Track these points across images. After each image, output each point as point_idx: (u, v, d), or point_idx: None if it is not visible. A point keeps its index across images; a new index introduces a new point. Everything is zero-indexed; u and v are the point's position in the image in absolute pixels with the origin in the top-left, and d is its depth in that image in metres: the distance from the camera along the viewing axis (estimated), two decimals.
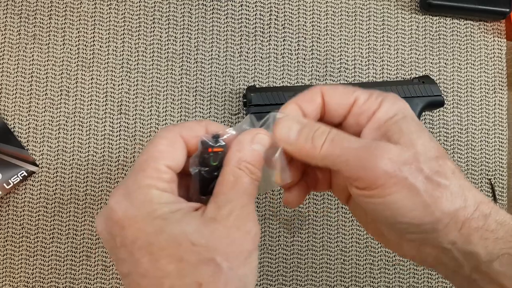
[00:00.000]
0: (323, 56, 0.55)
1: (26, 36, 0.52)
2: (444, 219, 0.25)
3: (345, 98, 0.29)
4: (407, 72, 0.55)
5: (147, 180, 0.25)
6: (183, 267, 0.24)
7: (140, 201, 0.25)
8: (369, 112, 0.28)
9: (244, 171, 0.26)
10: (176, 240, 0.24)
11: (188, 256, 0.24)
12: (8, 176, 0.49)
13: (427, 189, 0.25)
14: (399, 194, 0.25)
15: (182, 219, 0.25)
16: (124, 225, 0.25)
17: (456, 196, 0.26)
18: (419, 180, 0.25)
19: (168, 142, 0.27)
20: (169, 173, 0.26)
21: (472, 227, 0.26)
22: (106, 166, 0.52)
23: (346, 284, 0.52)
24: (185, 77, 0.53)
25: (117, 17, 0.53)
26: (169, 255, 0.24)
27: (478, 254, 0.26)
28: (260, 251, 0.52)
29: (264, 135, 0.28)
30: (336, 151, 0.26)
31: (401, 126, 0.27)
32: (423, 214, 0.25)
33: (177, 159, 0.27)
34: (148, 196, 0.25)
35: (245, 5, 0.54)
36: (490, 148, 0.55)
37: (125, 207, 0.25)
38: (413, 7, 0.56)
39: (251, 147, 0.27)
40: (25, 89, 0.52)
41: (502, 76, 0.56)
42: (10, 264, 0.50)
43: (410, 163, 0.25)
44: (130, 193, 0.25)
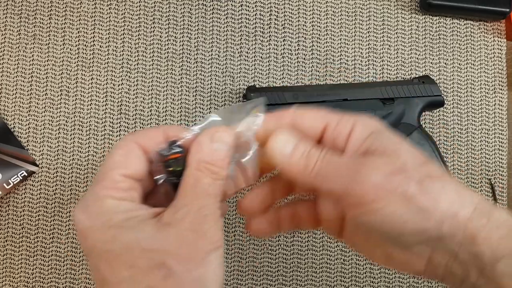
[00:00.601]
0: (323, 56, 0.55)
1: (26, 36, 0.52)
2: (445, 220, 0.25)
3: (314, 122, 0.29)
4: (407, 72, 0.55)
5: (103, 191, 0.26)
6: (136, 273, 0.25)
7: (96, 213, 0.26)
8: (343, 135, 0.28)
9: (204, 172, 0.26)
10: (128, 247, 0.25)
11: (140, 262, 0.25)
12: (8, 176, 0.49)
13: (422, 194, 0.25)
14: (393, 205, 0.25)
15: (136, 226, 0.26)
16: (84, 235, 0.26)
17: (453, 196, 0.25)
18: (411, 187, 0.25)
19: (123, 151, 0.27)
20: (126, 182, 0.27)
21: (475, 227, 0.25)
22: None
23: (346, 284, 0.52)
24: (185, 77, 0.53)
25: (117, 17, 0.53)
26: (123, 262, 0.25)
27: (483, 254, 0.25)
28: (260, 251, 0.52)
29: (224, 132, 0.27)
30: (328, 170, 0.27)
31: (382, 140, 0.27)
32: (423, 220, 0.25)
33: (134, 167, 0.27)
34: (104, 207, 0.26)
35: (245, 5, 0.54)
36: (490, 148, 0.55)
37: (83, 219, 0.26)
38: (413, 7, 0.56)
39: (211, 147, 0.27)
40: (25, 89, 0.52)
41: (502, 76, 0.56)
42: (10, 264, 0.50)
43: (399, 172, 0.25)
44: (88, 206, 0.26)
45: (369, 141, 0.27)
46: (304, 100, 0.49)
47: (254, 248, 0.52)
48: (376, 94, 0.50)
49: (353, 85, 0.52)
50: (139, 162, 0.28)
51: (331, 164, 0.27)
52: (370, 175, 0.25)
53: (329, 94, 0.50)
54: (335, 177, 0.26)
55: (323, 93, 0.50)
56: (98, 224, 0.26)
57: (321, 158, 0.27)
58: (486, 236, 0.25)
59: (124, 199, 0.27)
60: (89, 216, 0.26)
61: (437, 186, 0.25)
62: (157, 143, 0.28)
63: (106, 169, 0.27)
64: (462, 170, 0.54)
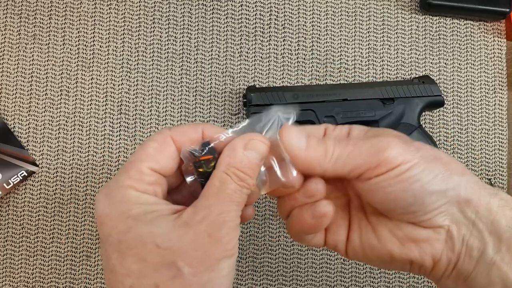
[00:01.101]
0: (323, 56, 0.55)
1: (26, 36, 0.52)
2: (462, 183, 0.27)
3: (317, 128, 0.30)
4: (407, 72, 0.55)
5: (127, 181, 0.26)
6: (145, 267, 0.25)
7: (117, 200, 0.26)
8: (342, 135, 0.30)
9: (232, 177, 0.26)
10: (142, 241, 0.25)
11: (151, 258, 0.25)
12: (8, 176, 0.49)
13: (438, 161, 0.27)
14: (419, 165, 0.26)
15: (153, 221, 0.25)
16: (102, 222, 0.26)
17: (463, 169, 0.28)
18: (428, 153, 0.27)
19: (157, 145, 0.27)
20: (152, 176, 0.27)
21: (488, 193, 0.27)
22: (106, 166, 0.52)
23: (346, 284, 0.52)
24: (185, 77, 0.53)
25: (117, 17, 0.53)
26: (134, 255, 0.25)
27: (499, 222, 0.26)
28: (260, 251, 0.52)
29: (260, 142, 0.27)
30: (347, 148, 0.27)
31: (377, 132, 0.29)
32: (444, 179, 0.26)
33: (164, 163, 0.27)
34: (126, 196, 0.26)
35: (245, 5, 0.54)
36: (490, 148, 0.55)
37: (104, 205, 0.26)
38: (413, 7, 0.56)
39: (243, 153, 0.26)
40: (25, 89, 0.52)
41: (502, 76, 0.56)
42: (10, 264, 0.50)
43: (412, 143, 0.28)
44: (110, 192, 0.26)
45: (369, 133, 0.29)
46: (304, 100, 0.49)
47: (254, 248, 0.52)
48: (376, 94, 0.50)
49: (353, 85, 0.52)
50: (171, 158, 0.27)
51: (348, 146, 0.27)
52: (391, 144, 0.27)
53: (329, 94, 0.50)
54: (356, 156, 0.27)
55: (323, 93, 0.50)
56: (116, 212, 0.26)
57: (337, 143, 0.28)
58: (499, 205, 0.27)
59: (147, 192, 0.26)
60: (110, 203, 0.26)
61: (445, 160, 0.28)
62: (193, 141, 0.28)
63: (136, 159, 0.27)
64: None
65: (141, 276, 0.25)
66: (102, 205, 0.26)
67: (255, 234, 0.52)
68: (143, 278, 0.25)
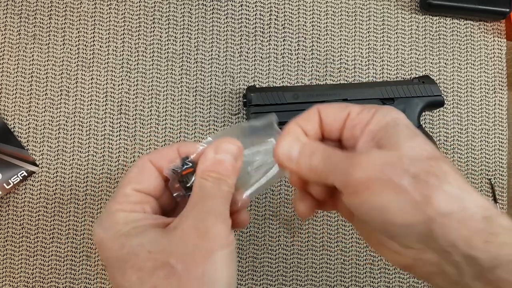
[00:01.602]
0: (323, 56, 0.55)
1: (26, 36, 0.52)
2: (437, 218, 0.25)
3: (338, 113, 0.30)
4: (407, 72, 0.55)
5: (115, 206, 0.29)
6: (142, 275, 0.26)
7: (108, 225, 0.28)
8: (362, 124, 0.29)
9: (208, 179, 0.28)
10: (134, 252, 0.27)
11: (146, 265, 0.26)
12: (8, 176, 0.49)
13: (416, 188, 0.25)
14: (385, 195, 0.25)
15: (142, 232, 0.27)
16: (100, 248, 0.28)
17: (451, 196, 0.25)
18: (405, 179, 0.25)
19: (137, 169, 0.30)
20: (136, 196, 0.29)
21: (472, 230, 0.24)
22: (106, 166, 0.52)
23: (346, 284, 0.52)
24: (185, 77, 0.53)
25: (117, 17, 0.53)
26: (132, 266, 0.26)
27: (480, 259, 0.24)
28: (260, 251, 0.52)
29: (229, 143, 0.29)
30: (329, 164, 0.28)
31: (391, 132, 0.27)
32: (413, 213, 0.25)
33: (146, 183, 0.30)
34: (115, 220, 0.28)
35: (245, 5, 0.54)
36: (490, 148, 0.55)
37: (98, 232, 0.28)
38: (413, 7, 0.56)
39: (214, 157, 0.29)
40: (25, 89, 0.52)
41: (502, 76, 0.56)
42: (10, 264, 0.50)
43: (393, 164, 0.25)
44: (102, 220, 0.29)
45: (380, 133, 0.28)
46: (304, 100, 0.49)
47: (254, 248, 0.52)
48: (376, 94, 0.50)
49: (353, 85, 0.52)
50: (152, 177, 0.30)
51: (331, 160, 0.28)
52: (364, 168, 0.26)
53: (329, 94, 0.50)
54: (335, 171, 0.27)
55: (323, 93, 0.50)
56: (110, 235, 0.28)
57: (324, 155, 0.28)
58: (485, 241, 0.24)
59: (135, 211, 0.29)
60: (103, 230, 0.28)
61: (433, 182, 0.25)
62: (171, 159, 0.30)
63: (120, 186, 0.29)
64: (462, 170, 0.54)
65: (141, 283, 0.26)
66: (97, 232, 0.28)
67: (255, 234, 0.52)
68: (142, 285, 0.26)
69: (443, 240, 0.25)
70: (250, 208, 0.52)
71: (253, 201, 0.52)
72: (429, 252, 0.26)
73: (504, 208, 0.54)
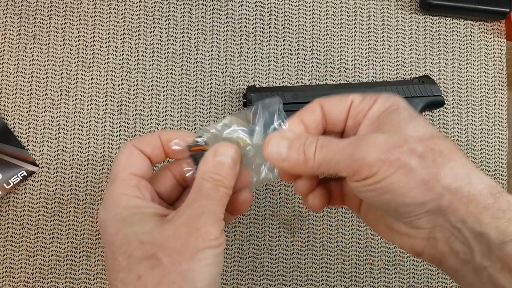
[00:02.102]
0: (323, 56, 0.55)
1: (26, 36, 0.52)
2: (446, 194, 0.25)
3: (341, 103, 0.30)
4: (407, 72, 0.55)
5: (116, 189, 0.30)
6: (131, 262, 0.27)
7: (110, 206, 0.29)
8: (364, 110, 0.29)
9: (207, 180, 0.29)
10: (128, 240, 0.28)
11: (136, 253, 0.27)
12: (8, 176, 0.49)
13: (423, 166, 0.25)
14: (395, 175, 0.25)
15: (138, 221, 0.28)
16: (102, 228, 0.30)
17: (458, 173, 0.25)
18: (412, 159, 0.25)
19: (126, 155, 0.31)
20: (134, 179, 0.30)
21: (480, 205, 0.25)
22: (106, 166, 0.52)
23: (346, 284, 0.52)
24: (185, 77, 0.53)
25: (117, 17, 0.53)
26: (123, 253, 0.28)
27: (489, 235, 0.25)
28: (260, 251, 0.52)
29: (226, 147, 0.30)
30: (329, 155, 0.27)
31: (392, 116, 0.28)
32: (422, 191, 0.25)
33: (139, 166, 0.31)
34: (117, 202, 0.29)
35: (245, 5, 0.54)
36: (490, 148, 0.55)
37: (102, 214, 0.30)
38: (413, 7, 0.56)
39: (214, 159, 0.30)
40: (25, 89, 0.52)
41: (502, 76, 0.56)
42: (10, 264, 0.50)
43: (400, 145, 0.26)
44: (106, 202, 0.30)
45: (381, 117, 0.28)
46: (304, 100, 0.49)
47: (254, 248, 0.52)
48: None
49: (353, 85, 0.52)
50: (142, 162, 0.31)
51: (331, 149, 0.28)
52: (370, 150, 0.26)
53: (329, 94, 0.49)
54: (337, 160, 0.27)
55: (323, 93, 0.50)
56: (110, 217, 0.29)
57: (319, 146, 0.28)
58: (493, 216, 0.25)
59: (136, 196, 0.29)
60: (106, 211, 0.29)
61: (440, 160, 0.25)
62: (155, 146, 0.32)
63: (116, 171, 0.30)
64: None
65: (128, 270, 0.27)
66: (100, 214, 0.30)
67: (255, 234, 0.52)
68: (129, 271, 0.27)
69: (452, 217, 0.25)
70: (250, 208, 0.52)
71: (253, 201, 0.52)
72: (439, 230, 0.27)
73: None
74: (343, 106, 0.30)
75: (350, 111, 0.30)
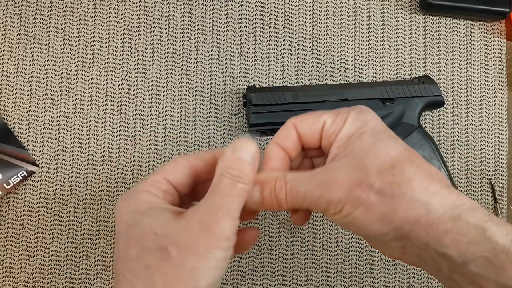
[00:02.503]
0: (323, 56, 0.55)
1: (26, 36, 0.52)
2: (405, 226, 0.27)
3: (314, 125, 0.31)
4: (407, 72, 0.55)
5: (142, 186, 0.30)
6: (142, 252, 0.28)
7: (130, 200, 0.30)
8: (335, 132, 0.30)
9: (225, 175, 0.29)
10: (143, 231, 0.28)
11: (148, 244, 0.27)
12: (8, 176, 0.49)
13: (381, 202, 0.27)
14: (357, 212, 0.27)
15: (155, 214, 0.28)
16: (117, 219, 0.30)
17: (415, 202, 0.26)
18: (371, 196, 0.27)
19: (173, 163, 0.31)
20: (165, 184, 0.30)
21: (440, 230, 0.26)
22: (106, 166, 0.52)
23: (346, 284, 0.52)
24: (185, 77, 0.53)
25: (117, 17, 0.53)
26: (135, 242, 0.28)
27: (451, 256, 0.26)
28: (260, 251, 0.52)
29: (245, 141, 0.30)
30: (298, 198, 0.29)
31: (356, 142, 0.29)
32: (381, 226, 0.27)
33: (178, 176, 0.31)
34: (138, 197, 0.30)
35: (245, 5, 0.54)
36: (490, 148, 0.55)
37: (121, 206, 0.30)
38: (413, 7, 0.56)
39: (232, 155, 0.29)
40: (25, 89, 0.52)
41: (502, 76, 0.56)
42: (10, 264, 0.50)
43: (360, 183, 0.27)
44: (127, 196, 0.30)
45: (348, 143, 0.29)
46: (304, 100, 0.49)
47: (254, 248, 0.52)
48: (376, 94, 0.50)
49: (353, 85, 0.52)
50: (185, 174, 0.31)
51: (300, 191, 0.29)
52: (334, 191, 0.28)
53: (329, 94, 0.50)
54: (307, 200, 0.29)
55: (323, 93, 0.50)
56: (129, 209, 0.29)
57: (289, 191, 0.29)
58: (453, 240, 0.26)
59: (158, 196, 0.30)
60: (126, 204, 0.30)
61: (397, 193, 0.27)
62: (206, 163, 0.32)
63: (153, 173, 0.31)
64: (462, 170, 0.54)
65: (137, 259, 0.28)
66: (119, 206, 0.30)
67: None
68: (139, 261, 0.28)
69: (416, 241, 0.27)
70: None
71: None
72: (410, 248, 0.28)
73: (504, 208, 0.54)
74: (316, 127, 0.31)
75: (323, 133, 0.31)
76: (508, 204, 0.55)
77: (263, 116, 0.49)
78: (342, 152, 0.29)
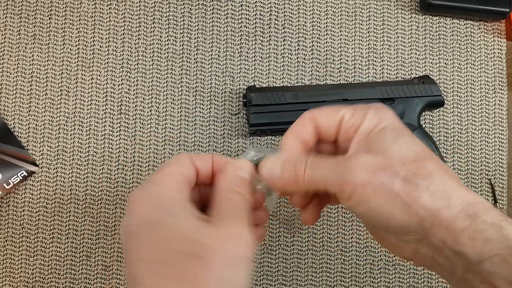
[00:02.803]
0: (323, 56, 0.55)
1: (26, 36, 0.52)
2: (428, 217, 0.27)
3: (332, 117, 0.31)
4: (407, 72, 0.55)
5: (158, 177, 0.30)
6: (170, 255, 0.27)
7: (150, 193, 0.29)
8: (355, 126, 0.30)
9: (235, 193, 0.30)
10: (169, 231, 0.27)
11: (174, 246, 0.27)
12: (8, 176, 0.49)
13: (406, 191, 0.27)
14: (379, 199, 0.27)
15: (178, 214, 0.28)
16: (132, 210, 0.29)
17: (438, 195, 0.27)
18: (396, 183, 0.27)
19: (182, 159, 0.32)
20: (180, 175, 0.30)
21: (458, 227, 0.26)
22: (106, 166, 0.52)
23: (346, 284, 0.52)
24: (185, 77, 0.53)
25: (117, 17, 0.53)
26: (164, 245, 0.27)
27: (467, 254, 0.26)
28: (260, 251, 0.52)
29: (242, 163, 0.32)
30: (317, 175, 0.29)
31: (378, 136, 0.29)
32: (407, 216, 0.27)
33: (189, 170, 0.31)
34: (155, 190, 0.29)
35: (245, 5, 0.54)
36: (490, 148, 0.55)
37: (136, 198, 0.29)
38: (413, 7, 0.56)
39: (236, 174, 0.31)
40: (25, 89, 0.52)
41: (502, 76, 0.56)
42: (10, 264, 0.50)
43: (384, 169, 0.27)
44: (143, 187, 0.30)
45: (370, 137, 0.29)
46: (304, 100, 0.49)
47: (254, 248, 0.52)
48: (376, 94, 0.50)
49: (353, 85, 0.52)
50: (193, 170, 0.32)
51: (320, 168, 0.29)
52: (357, 172, 0.27)
53: (329, 94, 0.50)
54: (325, 178, 0.29)
55: (323, 93, 0.50)
56: (146, 202, 0.29)
57: (309, 166, 0.29)
58: (470, 237, 0.26)
59: (173, 189, 0.29)
60: (144, 197, 0.29)
61: (421, 184, 0.27)
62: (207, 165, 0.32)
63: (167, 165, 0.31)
64: (462, 170, 0.54)
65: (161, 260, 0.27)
66: (136, 198, 0.29)
67: None
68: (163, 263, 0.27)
69: (434, 237, 0.27)
70: None
71: None
72: (425, 247, 0.28)
73: (504, 208, 0.54)
74: (333, 120, 0.31)
75: (341, 126, 0.31)
76: (508, 204, 0.55)
77: (263, 116, 0.49)
78: (363, 146, 0.29)
